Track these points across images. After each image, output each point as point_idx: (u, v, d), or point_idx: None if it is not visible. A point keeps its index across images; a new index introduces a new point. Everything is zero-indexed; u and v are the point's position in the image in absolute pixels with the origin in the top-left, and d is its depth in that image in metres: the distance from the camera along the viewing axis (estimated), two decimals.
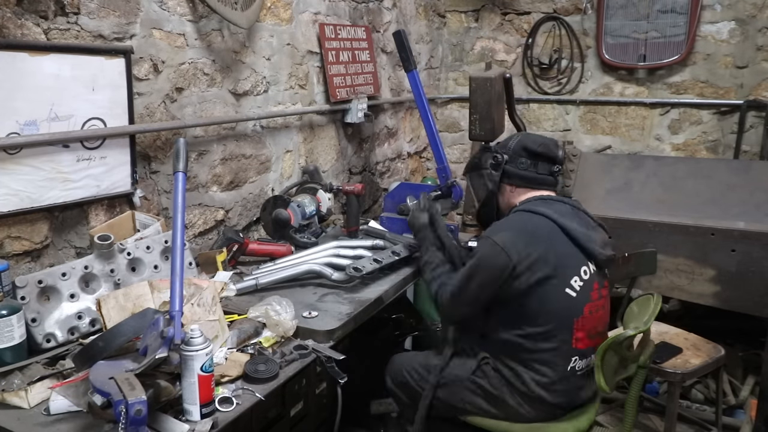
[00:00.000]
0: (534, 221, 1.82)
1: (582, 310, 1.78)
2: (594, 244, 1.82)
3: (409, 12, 4.08)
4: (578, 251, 1.80)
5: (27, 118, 1.73)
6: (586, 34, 4.11)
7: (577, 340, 1.78)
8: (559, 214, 1.82)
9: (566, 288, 1.76)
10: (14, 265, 1.74)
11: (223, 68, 2.47)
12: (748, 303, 2.72)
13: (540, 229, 1.80)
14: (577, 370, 1.80)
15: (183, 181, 1.61)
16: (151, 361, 1.32)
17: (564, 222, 1.81)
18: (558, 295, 1.75)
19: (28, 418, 1.39)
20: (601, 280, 1.86)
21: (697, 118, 3.92)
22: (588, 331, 1.80)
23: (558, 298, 1.75)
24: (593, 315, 1.81)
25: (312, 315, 1.90)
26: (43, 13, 1.76)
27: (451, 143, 4.69)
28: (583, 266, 1.80)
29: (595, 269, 1.83)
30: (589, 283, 1.80)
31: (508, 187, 2.00)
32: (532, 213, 1.85)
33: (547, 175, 1.95)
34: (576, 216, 1.87)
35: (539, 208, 1.85)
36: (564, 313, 1.76)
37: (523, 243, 1.75)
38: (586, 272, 1.80)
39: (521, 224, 1.84)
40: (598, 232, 1.91)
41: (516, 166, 1.95)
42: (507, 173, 1.98)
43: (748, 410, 2.84)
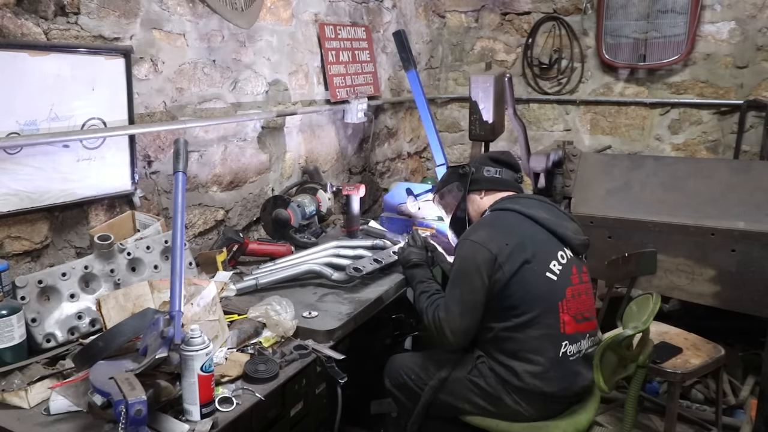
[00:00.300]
0: (505, 216, 1.91)
1: (564, 292, 1.81)
2: (567, 230, 1.89)
3: (409, 12, 4.08)
4: (552, 237, 1.86)
5: (27, 117, 1.73)
6: (586, 34, 4.11)
7: (564, 324, 1.80)
8: (526, 207, 1.90)
9: (546, 272, 1.80)
10: (14, 265, 1.74)
11: (223, 68, 2.47)
12: (748, 303, 2.71)
13: (512, 222, 1.88)
14: (569, 356, 1.81)
15: (183, 181, 1.61)
16: (151, 361, 1.32)
17: (533, 213, 1.88)
18: (539, 279, 1.79)
19: (28, 418, 1.39)
20: (579, 265, 1.90)
21: (697, 118, 3.92)
22: (574, 315, 1.82)
23: (539, 283, 1.79)
24: (576, 299, 1.84)
25: (312, 315, 1.90)
26: (43, 13, 1.76)
27: (451, 143, 4.69)
28: (559, 251, 1.85)
29: (572, 255, 1.88)
30: (567, 267, 1.85)
31: (477, 195, 2.09)
32: (501, 210, 1.94)
33: (511, 180, 2.07)
34: (544, 208, 1.95)
35: (506, 204, 1.94)
36: (547, 297, 1.79)
37: (499, 236, 1.81)
38: (563, 257, 1.85)
39: (493, 221, 1.92)
40: (570, 222, 1.97)
41: (482, 173, 2.08)
42: (475, 180, 2.09)
43: (748, 410, 2.84)
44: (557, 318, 1.79)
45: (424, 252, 2.12)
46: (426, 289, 1.95)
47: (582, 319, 1.85)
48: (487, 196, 2.07)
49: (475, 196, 2.10)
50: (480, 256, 1.78)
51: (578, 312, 1.84)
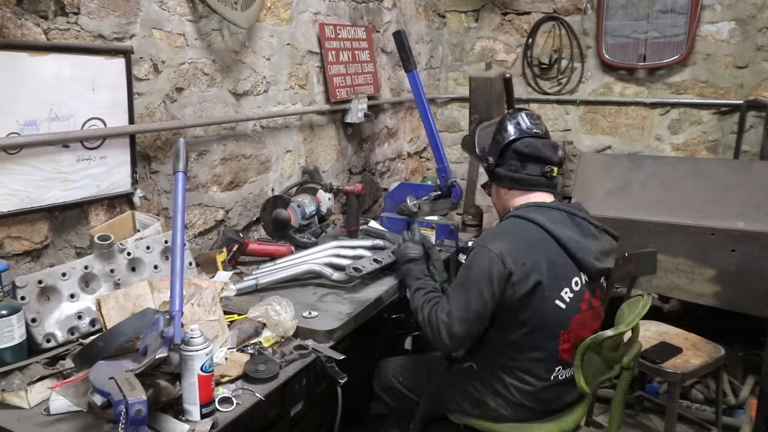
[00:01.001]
0: (527, 229, 1.76)
1: (569, 322, 1.73)
2: (588, 254, 1.75)
3: (409, 12, 4.08)
4: (570, 262, 1.74)
5: (27, 118, 1.73)
6: (586, 34, 4.11)
7: (562, 351, 1.74)
8: (552, 223, 1.75)
9: (556, 299, 1.70)
10: (14, 265, 1.74)
11: (223, 68, 2.47)
12: (748, 303, 2.72)
13: (533, 237, 1.74)
14: (560, 379, 1.77)
15: (183, 181, 1.61)
16: (151, 361, 1.33)
17: (557, 231, 1.74)
18: (547, 306, 1.70)
19: (28, 418, 1.39)
20: (593, 290, 1.80)
21: (697, 118, 3.92)
22: (574, 342, 1.74)
23: (547, 309, 1.70)
24: (581, 327, 1.76)
25: (312, 315, 1.90)
26: (43, 13, 1.76)
27: (451, 143, 4.68)
28: (574, 277, 1.74)
29: (587, 280, 1.77)
30: (579, 294, 1.75)
31: (502, 190, 1.92)
32: (524, 220, 1.78)
33: (538, 177, 1.85)
34: (572, 224, 1.79)
35: (532, 215, 1.77)
36: (551, 325, 1.72)
37: (519, 252, 1.69)
38: (577, 283, 1.74)
39: (515, 232, 1.77)
40: (599, 240, 1.82)
41: (506, 168, 1.87)
42: (497, 175, 1.90)
43: (748, 410, 2.84)
44: (556, 345, 1.73)
45: (421, 247, 2.07)
46: (422, 286, 1.88)
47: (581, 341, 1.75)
48: (510, 194, 1.89)
49: (501, 190, 1.92)
50: (495, 269, 1.67)
51: (579, 339, 1.74)
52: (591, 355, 1.73)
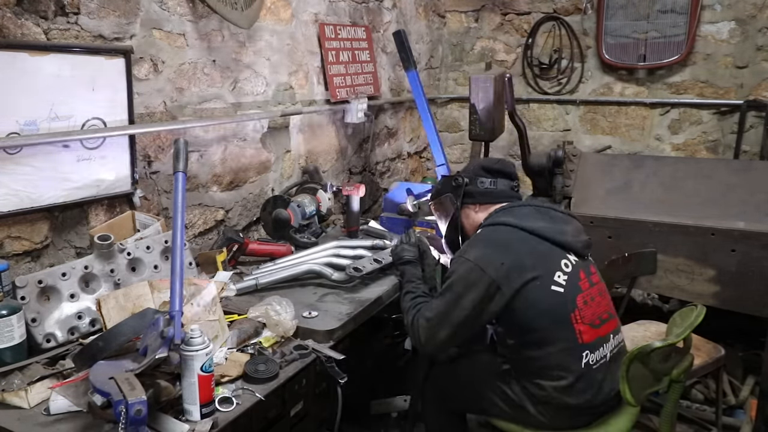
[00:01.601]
0: (500, 232, 1.81)
1: (575, 302, 1.74)
2: (566, 235, 1.81)
3: (409, 12, 4.08)
4: (552, 246, 1.78)
5: (27, 117, 1.73)
6: (586, 34, 4.11)
7: (581, 334, 1.73)
8: (520, 219, 1.81)
9: (551, 286, 1.72)
10: (14, 265, 1.74)
11: (223, 68, 2.47)
12: (748, 303, 2.71)
13: (506, 237, 1.79)
14: (592, 365, 1.75)
15: (183, 181, 1.61)
16: (151, 361, 1.33)
17: (528, 224, 1.79)
18: (545, 294, 1.71)
19: (28, 418, 1.39)
20: (586, 267, 1.83)
21: (697, 118, 3.92)
22: (590, 323, 1.75)
23: (545, 298, 1.71)
24: (590, 304, 1.77)
25: (312, 315, 1.90)
26: (43, 13, 1.76)
27: (451, 143, 4.69)
28: (562, 260, 1.77)
29: (576, 259, 1.81)
30: (574, 274, 1.77)
31: (472, 208, 1.98)
32: (495, 225, 1.84)
33: (507, 190, 1.96)
34: (540, 214, 1.86)
35: (501, 218, 1.84)
36: (557, 312, 1.72)
37: (496, 255, 1.72)
38: (567, 265, 1.77)
39: (489, 238, 1.82)
40: (569, 223, 1.89)
41: (476, 186, 1.97)
42: (468, 193, 1.98)
43: (748, 410, 2.84)
44: (572, 330, 1.72)
45: (416, 250, 2.07)
46: (412, 289, 1.92)
47: (600, 323, 1.78)
48: (481, 210, 1.97)
49: (470, 210, 1.99)
50: (473, 277, 1.71)
51: (594, 317, 1.76)
52: (637, 366, 1.68)
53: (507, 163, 2.05)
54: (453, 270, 1.78)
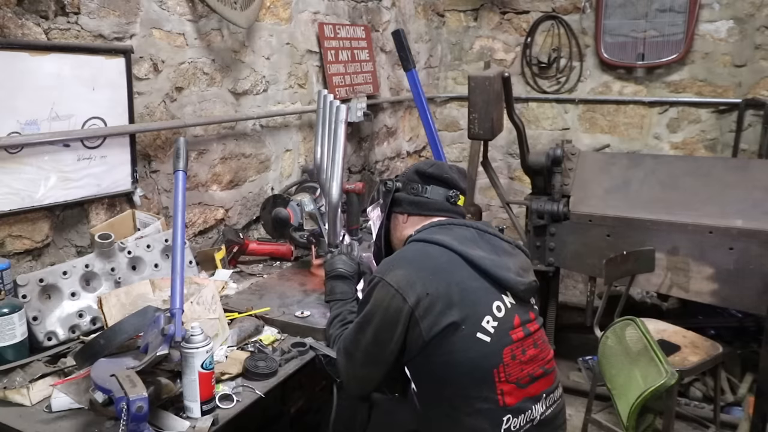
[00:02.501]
0: (429, 253, 1.52)
1: (500, 356, 1.44)
2: (508, 271, 1.51)
3: (408, 11, 4.09)
4: (487, 283, 1.49)
5: (28, 117, 1.74)
6: (585, 33, 4.12)
7: (503, 395, 1.43)
8: (458, 242, 1.52)
9: (477, 332, 1.43)
10: (15, 264, 1.75)
11: (222, 67, 2.48)
12: (746, 300, 2.73)
13: (438, 262, 1.49)
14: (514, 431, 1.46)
15: (183, 180, 1.62)
16: (152, 358, 1.33)
17: (465, 250, 1.50)
18: (467, 343, 1.42)
19: (29, 416, 1.40)
20: (523, 312, 1.53)
21: (696, 116, 3.93)
22: (516, 381, 1.46)
23: (468, 348, 1.42)
24: (519, 359, 1.47)
25: (305, 315, 1.89)
26: (44, 13, 1.77)
27: (450, 142, 4.70)
28: (495, 301, 1.48)
29: (513, 302, 1.51)
30: (506, 320, 1.47)
31: (401, 218, 1.72)
32: (426, 243, 1.55)
33: (441, 200, 1.67)
34: (482, 241, 1.57)
35: (435, 236, 1.55)
36: (478, 366, 1.43)
37: (420, 281, 1.44)
38: (500, 308, 1.48)
39: (416, 258, 1.52)
40: (514, 256, 1.61)
41: (407, 192, 1.70)
42: (396, 200, 1.71)
43: (746, 407, 2.85)
44: (493, 390, 1.43)
45: (355, 265, 1.85)
46: (340, 312, 1.70)
47: (529, 382, 1.48)
48: (410, 223, 1.69)
49: (399, 218, 1.72)
50: (394, 305, 1.43)
51: (523, 374, 1.47)
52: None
53: (447, 168, 1.70)
54: (370, 292, 1.51)
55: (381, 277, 1.49)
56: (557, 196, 3.07)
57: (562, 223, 3.05)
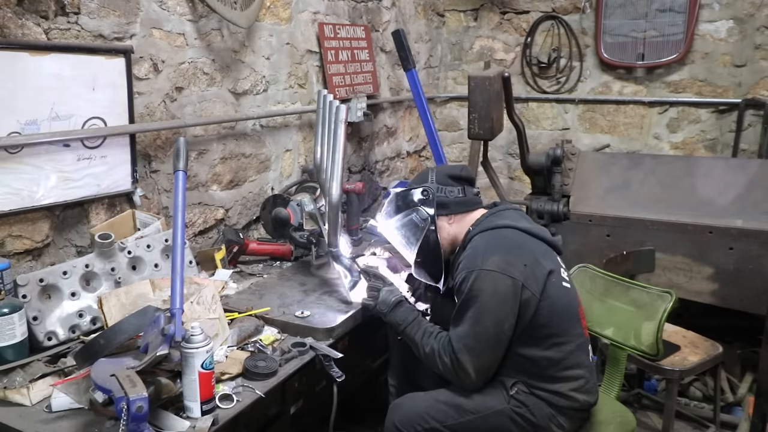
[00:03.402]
0: (505, 236, 1.74)
1: (577, 298, 1.77)
2: (549, 236, 1.82)
3: (408, 11, 4.09)
4: (548, 247, 1.78)
5: (28, 117, 1.74)
6: (585, 33, 4.12)
7: (585, 329, 1.76)
8: (515, 221, 1.78)
9: (562, 282, 1.73)
10: (15, 264, 1.75)
11: (222, 68, 2.48)
12: (745, 300, 2.73)
13: (514, 240, 1.73)
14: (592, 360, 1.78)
15: (183, 180, 1.62)
16: (152, 358, 1.33)
17: (525, 225, 1.77)
18: (560, 291, 1.70)
19: (30, 415, 1.40)
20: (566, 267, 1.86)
21: (696, 116, 3.93)
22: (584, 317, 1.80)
23: (561, 294, 1.70)
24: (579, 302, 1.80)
25: (304, 315, 1.89)
26: (44, 13, 1.77)
27: (450, 142, 4.70)
28: (557, 257, 1.80)
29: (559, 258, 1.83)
30: (566, 272, 1.81)
31: (446, 220, 1.86)
32: (495, 230, 1.76)
33: (474, 197, 1.91)
34: (521, 216, 1.85)
35: (497, 222, 1.78)
36: (570, 307, 1.72)
37: (514, 258, 1.66)
38: (560, 264, 1.79)
39: (497, 243, 1.72)
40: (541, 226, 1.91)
41: (446, 196, 1.86)
42: (442, 204, 1.85)
43: (745, 407, 2.85)
44: (581, 325, 1.74)
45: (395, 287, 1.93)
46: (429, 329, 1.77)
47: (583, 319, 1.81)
48: (456, 221, 1.86)
49: (443, 223, 1.86)
50: (503, 286, 1.62)
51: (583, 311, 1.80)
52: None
53: (469, 168, 2.00)
54: (473, 287, 1.64)
55: (478, 269, 1.65)
56: (557, 196, 3.07)
57: (562, 223, 3.05)
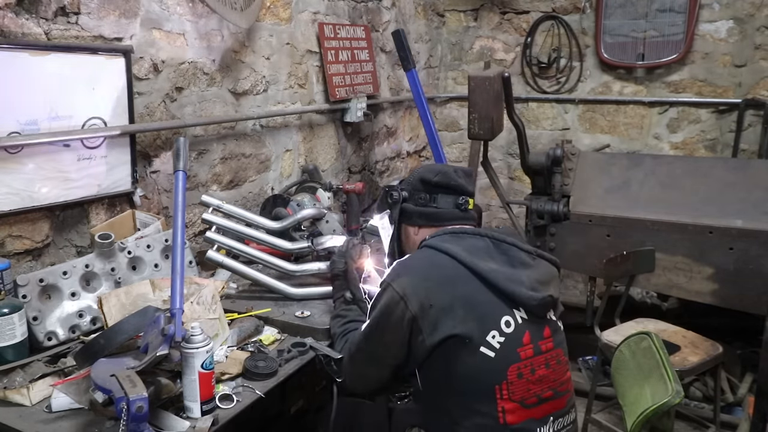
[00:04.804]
0: (438, 262, 1.48)
1: (504, 373, 1.38)
2: (518, 285, 1.43)
3: (408, 11, 4.09)
4: (496, 297, 1.43)
5: (28, 117, 1.74)
6: (585, 33, 4.12)
7: (504, 413, 1.38)
8: (468, 252, 1.46)
9: (481, 347, 1.38)
10: (15, 264, 1.75)
11: (222, 68, 2.48)
12: (745, 301, 2.73)
13: (445, 273, 1.45)
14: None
15: (183, 180, 1.62)
16: (152, 358, 1.33)
17: (475, 262, 1.44)
18: (470, 357, 1.38)
19: (30, 416, 1.40)
20: (537, 330, 1.45)
21: (696, 116, 3.93)
22: (522, 400, 1.40)
23: (470, 361, 1.38)
24: (525, 378, 1.41)
25: (304, 315, 1.89)
26: (44, 13, 1.77)
27: (450, 142, 4.70)
28: (504, 317, 1.41)
29: (525, 317, 1.44)
30: (514, 337, 1.41)
31: (411, 230, 1.67)
32: (436, 251, 1.50)
33: (452, 209, 1.62)
34: (497, 252, 1.50)
35: (445, 244, 1.50)
36: (480, 380, 1.39)
37: (425, 291, 1.42)
38: (509, 324, 1.41)
39: (423, 266, 1.50)
40: (533, 267, 1.51)
41: (415, 202, 1.65)
42: (405, 212, 1.66)
43: (746, 407, 2.85)
44: (494, 406, 1.38)
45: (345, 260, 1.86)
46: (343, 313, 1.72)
47: (536, 402, 1.42)
48: (422, 232, 1.65)
49: (410, 230, 1.68)
50: (397, 312, 1.42)
51: (529, 394, 1.41)
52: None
53: (452, 173, 1.64)
54: (379, 297, 1.51)
55: (389, 283, 1.48)
56: (557, 196, 3.07)
57: (562, 223, 3.05)
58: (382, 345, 1.48)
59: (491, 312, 1.42)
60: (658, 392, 1.59)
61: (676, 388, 1.51)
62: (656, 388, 1.62)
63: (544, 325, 1.48)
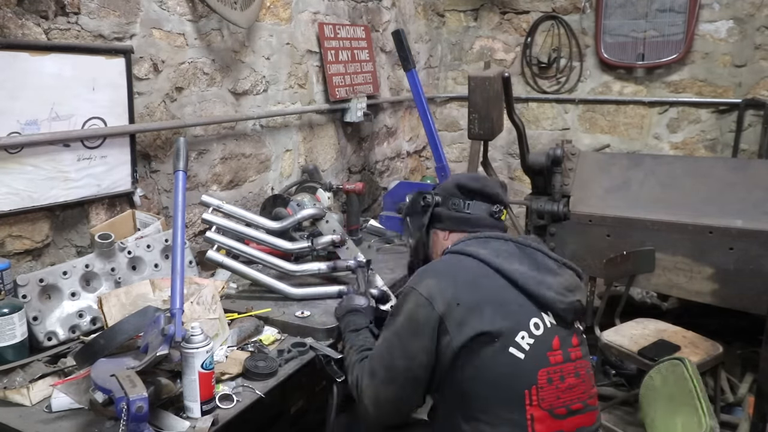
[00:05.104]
0: (464, 265, 1.44)
1: (535, 376, 1.32)
2: (548, 289, 1.40)
3: (408, 11, 4.09)
4: (526, 299, 1.39)
5: (28, 117, 1.74)
6: (585, 33, 4.12)
7: (533, 422, 1.31)
8: (493, 255, 1.43)
9: (510, 347, 1.32)
10: (15, 264, 1.75)
11: (222, 68, 2.48)
12: (746, 301, 2.73)
13: (472, 274, 1.42)
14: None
15: (183, 180, 1.62)
16: (152, 358, 1.33)
17: (501, 264, 1.41)
18: (499, 358, 1.32)
19: (30, 416, 1.40)
20: (566, 336, 1.40)
21: (696, 116, 3.93)
22: (551, 409, 1.33)
23: (499, 363, 1.32)
24: (555, 384, 1.34)
25: (305, 315, 1.89)
26: (44, 13, 1.77)
27: (450, 142, 4.70)
28: (533, 318, 1.37)
29: (553, 322, 1.39)
30: (544, 340, 1.36)
31: (441, 234, 1.64)
32: (461, 255, 1.47)
33: (485, 216, 1.59)
34: (522, 256, 1.46)
35: (470, 248, 1.47)
36: (510, 383, 1.32)
37: (452, 291, 1.37)
38: (538, 326, 1.36)
39: (449, 269, 1.46)
40: (559, 275, 1.46)
41: (447, 207, 1.62)
42: (436, 216, 1.64)
43: (746, 407, 2.85)
44: (523, 413, 1.31)
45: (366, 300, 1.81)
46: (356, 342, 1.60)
47: (566, 414, 1.35)
48: (451, 237, 1.62)
49: (439, 234, 1.65)
50: (423, 314, 1.36)
51: (559, 403, 1.34)
52: None
53: (490, 182, 1.66)
54: (400, 306, 1.45)
55: (412, 287, 1.42)
56: (557, 196, 3.07)
57: (562, 223, 3.05)
58: (406, 356, 1.38)
59: (520, 312, 1.38)
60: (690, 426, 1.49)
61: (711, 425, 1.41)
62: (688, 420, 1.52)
63: (572, 332, 1.43)
